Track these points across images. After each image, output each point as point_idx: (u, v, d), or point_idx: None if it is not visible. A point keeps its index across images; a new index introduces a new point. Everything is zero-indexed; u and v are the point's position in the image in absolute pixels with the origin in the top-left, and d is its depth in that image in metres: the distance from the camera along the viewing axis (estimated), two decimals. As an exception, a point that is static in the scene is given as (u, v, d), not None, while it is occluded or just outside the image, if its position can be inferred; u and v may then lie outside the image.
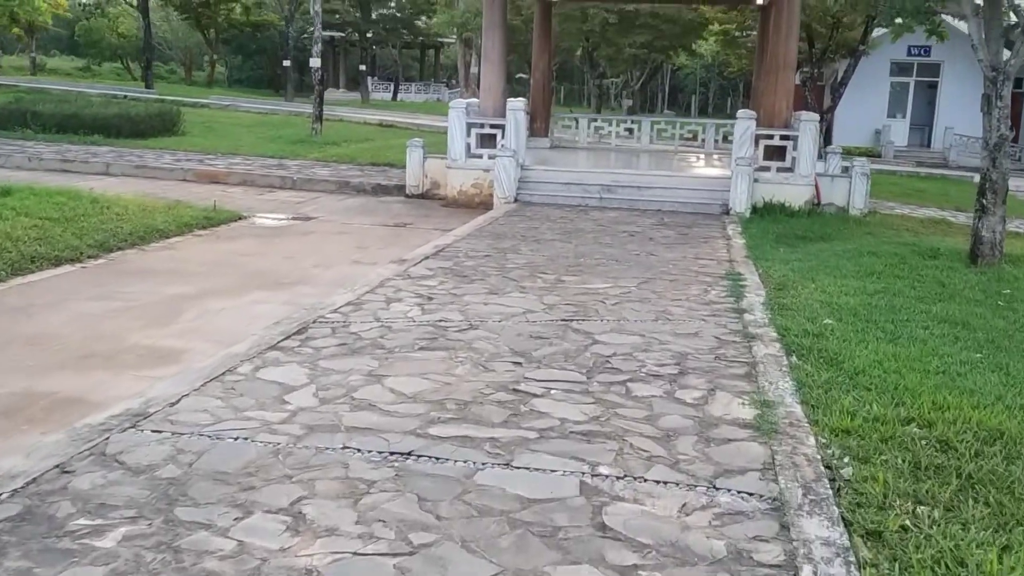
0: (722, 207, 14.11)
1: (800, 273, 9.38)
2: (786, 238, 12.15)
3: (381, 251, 11.23)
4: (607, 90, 55.14)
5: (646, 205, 14.24)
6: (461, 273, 8.75)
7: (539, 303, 7.59)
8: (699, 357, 6.17)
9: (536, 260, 9.60)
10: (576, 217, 13.15)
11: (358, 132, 26.47)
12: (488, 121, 15.44)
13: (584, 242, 10.96)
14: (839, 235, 12.72)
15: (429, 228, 13.17)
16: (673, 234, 11.91)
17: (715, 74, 63.37)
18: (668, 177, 14.96)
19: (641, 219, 13.19)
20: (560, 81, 71.58)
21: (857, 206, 15.00)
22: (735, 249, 10.90)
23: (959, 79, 36.24)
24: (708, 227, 12.72)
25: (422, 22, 48.50)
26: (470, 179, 15.35)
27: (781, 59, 14.62)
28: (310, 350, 6.00)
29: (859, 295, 8.40)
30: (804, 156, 14.38)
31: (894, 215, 15.60)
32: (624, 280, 8.71)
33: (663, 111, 63.34)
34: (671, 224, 12.81)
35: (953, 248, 11.31)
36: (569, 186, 14.78)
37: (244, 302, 8.38)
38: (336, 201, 15.75)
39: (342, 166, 19.30)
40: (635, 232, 11.89)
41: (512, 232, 11.53)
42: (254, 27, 49.27)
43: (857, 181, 14.97)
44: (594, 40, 35.10)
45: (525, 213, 13.41)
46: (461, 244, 10.48)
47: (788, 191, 14.50)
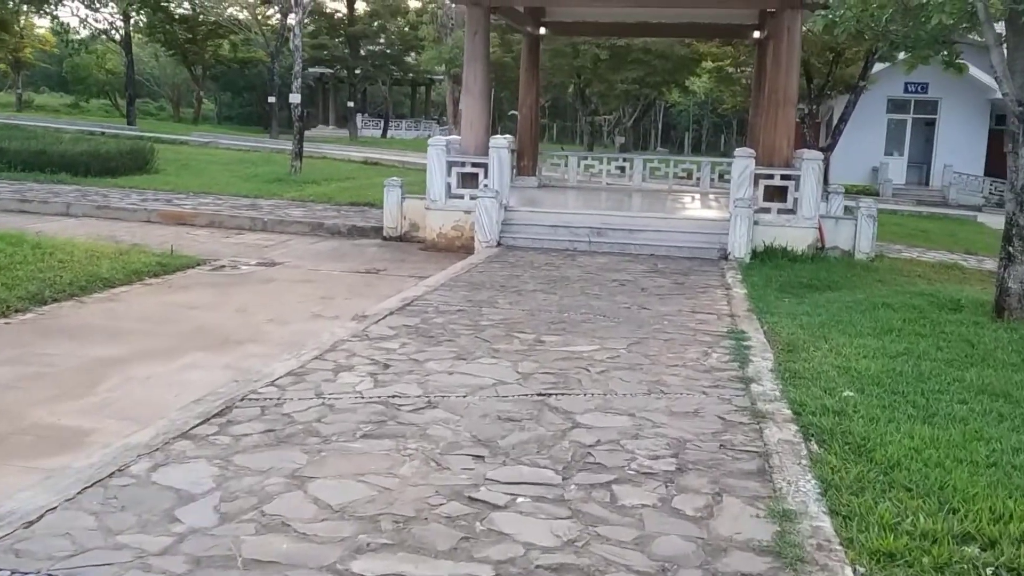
0: (720, 252, 13.12)
1: (810, 330, 8.35)
2: (790, 287, 11.15)
3: (346, 302, 10.19)
4: (600, 127, 54.51)
5: (638, 249, 13.24)
6: (427, 333, 7.71)
7: (513, 371, 6.54)
8: (700, 445, 5.12)
9: (514, 315, 8.56)
10: (562, 263, 12.14)
11: (340, 170, 25.55)
12: (470, 159, 14.49)
13: (569, 293, 9.93)
14: (847, 283, 11.72)
15: (403, 275, 12.15)
16: (668, 283, 10.90)
17: (708, 111, 62.88)
18: (662, 219, 13.99)
19: (633, 265, 12.18)
20: (552, 118, 71.18)
21: (863, 250, 14.03)
22: (736, 300, 9.89)
23: (957, 116, 35.60)
24: (706, 274, 11.72)
25: (411, 58, 47.91)
26: (450, 221, 14.36)
27: (781, 94, 13.72)
28: (227, 439, 4.93)
29: (879, 358, 7.37)
30: (807, 197, 13.43)
31: (902, 259, 14.63)
32: (612, 340, 7.67)
33: (656, 148, 62.75)
34: (665, 271, 11.80)
35: (974, 299, 10.30)
36: (556, 229, 13.79)
37: (177, 367, 7.31)
38: (307, 244, 14.73)
39: (318, 206, 18.32)
40: (626, 281, 10.88)
41: (491, 281, 10.51)
42: (242, 63, 48.63)
43: (863, 223, 14.01)
44: (586, 76, 34.42)
45: (507, 259, 12.40)
46: (433, 296, 9.44)
47: (790, 234, 13.53)
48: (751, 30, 17.97)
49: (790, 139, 13.85)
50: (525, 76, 18.87)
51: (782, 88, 13.73)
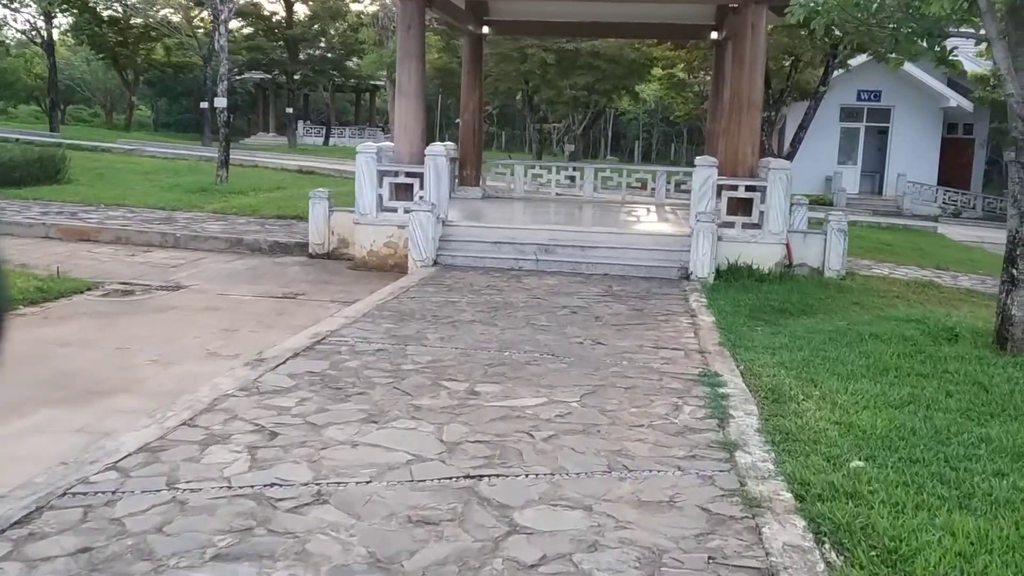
0: (681, 271, 11.85)
1: (795, 370, 7.07)
2: (762, 312, 9.91)
3: (252, 336, 8.70)
4: (549, 135, 53.38)
5: (591, 268, 11.93)
6: (335, 382, 6.26)
7: (436, 440, 5.13)
8: (682, 559, 3.76)
9: (446, 356, 7.15)
10: (506, 285, 10.76)
11: (272, 179, 23.91)
12: (403, 168, 13.06)
13: (513, 324, 8.55)
14: (823, 307, 10.53)
15: (325, 300, 10.68)
16: (625, 309, 9.57)
17: (658, 120, 62.16)
18: (617, 235, 12.69)
19: (585, 287, 10.85)
20: (500, 126, 69.87)
21: (833, 267, 12.88)
22: (704, 331, 8.59)
23: (910, 125, 35.05)
24: (667, 298, 10.43)
25: (353, 63, 46.24)
26: (382, 237, 12.91)
27: (745, 97, 12.53)
28: (15, 570, 3.45)
29: (882, 408, 6.11)
30: (774, 210, 12.24)
31: (874, 277, 13.52)
32: (563, 389, 6.30)
33: (606, 157, 61.81)
34: (622, 295, 10.48)
35: (969, 327, 9.13)
36: (500, 245, 12.42)
37: (15, 431, 5.77)
38: (222, 263, 13.15)
39: (241, 219, 16.71)
40: (578, 307, 9.53)
41: (422, 310, 9.08)
42: (176, 68, 46.55)
43: (833, 238, 12.86)
44: (534, 82, 33.17)
45: (444, 280, 10.99)
46: (351, 330, 7.99)
47: (756, 251, 12.32)
48: (708, 30, 16.81)
49: (755, 146, 12.67)
50: (467, 79, 17.50)
51: (746, 91, 12.54)
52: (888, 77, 34.15)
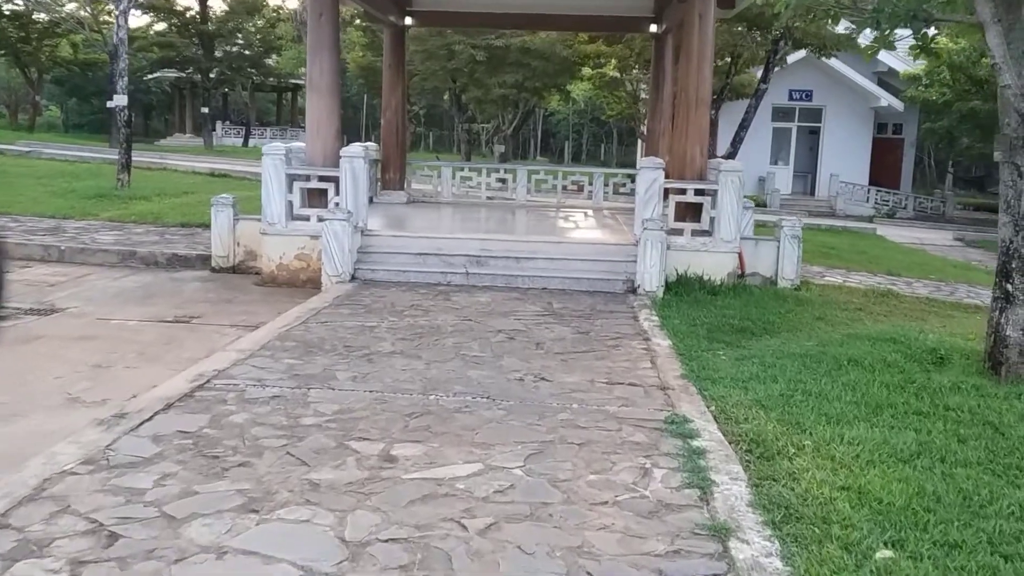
0: (627, 283, 10.72)
1: (776, 412, 5.95)
2: (721, 332, 8.82)
3: (128, 374, 7.28)
4: (478, 136, 52.14)
5: (528, 282, 10.71)
6: (212, 448, 4.92)
7: (335, 540, 3.84)
8: None
9: (357, 404, 5.84)
10: (433, 305, 9.47)
11: (180, 183, 22.14)
12: (316, 172, 11.66)
13: (440, 355, 7.27)
14: (785, 323, 9.49)
15: (224, 324, 9.26)
16: (569, 333, 8.37)
17: (588, 120, 61.45)
18: (555, 244, 11.50)
19: (523, 305, 9.62)
20: (428, 126, 68.45)
21: (788, 277, 11.91)
22: (662, 358, 7.44)
23: (841, 124, 34.75)
24: (614, 316, 9.26)
25: (273, 61, 44.24)
26: (293, 248, 11.50)
27: (693, 93, 11.45)
28: None
29: (891, 464, 5.02)
30: (726, 216, 11.19)
31: (829, 286, 12.58)
32: (502, 449, 5.05)
33: (536, 158, 60.85)
34: (564, 313, 9.28)
35: (951, 346, 8.16)
36: (425, 257, 11.12)
37: None
38: (110, 280, 11.59)
39: (139, 228, 15.08)
40: (515, 331, 8.29)
41: (334, 338, 7.74)
42: (84, 66, 43.96)
43: (787, 246, 11.89)
44: (461, 81, 31.88)
45: (362, 299, 9.65)
46: (244, 368, 6.62)
47: (707, 260, 11.26)
48: (647, 23, 15.76)
49: (703, 146, 11.61)
50: (389, 74, 16.14)
51: (693, 86, 11.46)
52: (819, 76, 33.82)
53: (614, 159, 58.30)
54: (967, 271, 16.90)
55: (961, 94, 28.83)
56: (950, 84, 29.08)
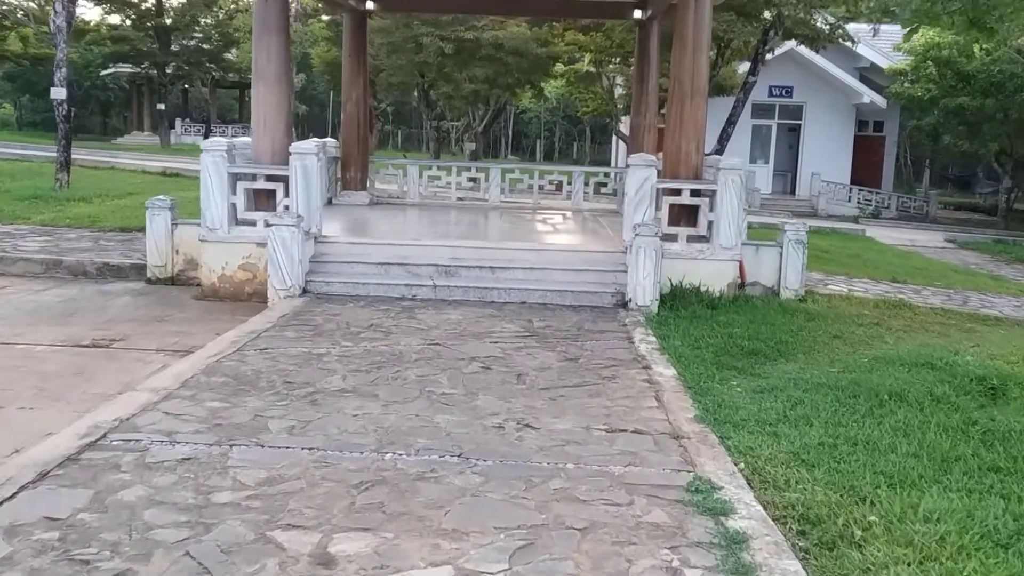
0: (616, 296, 9.47)
1: (822, 471, 4.73)
2: (730, 355, 7.59)
3: (20, 418, 5.94)
4: (447, 133, 50.80)
5: (504, 295, 9.44)
6: (82, 545, 3.59)
7: None
8: None
9: (291, 470, 4.53)
10: (395, 324, 8.16)
11: (126, 183, 20.62)
12: (263, 170, 10.30)
13: (401, 393, 5.98)
14: (800, 343, 8.29)
15: (150, 349, 7.90)
16: (555, 359, 7.10)
17: (560, 117, 60.30)
18: (535, 251, 10.23)
19: (499, 324, 8.34)
20: (397, 124, 66.91)
21: (791, 286, 10.73)
22: (668, 393, 6.20)
23: (822, 122, 33.78)
24: (605, 337, 8.01)
25: (233, 55, 42.52)
26: (237, 258, 10.14)
27: (688, 84, 10.22)
28: None
29: (991, 552, 3.86)
30: (726, 219, 9.99)
31: (835, 296, 11.41)
32: (479, 540, 3.77)
33: (507, 156, 59.57)
34: (547, 333, 8.01)
35: (998, 371, 7.00)
36: (388, 267, 9.81)
37: None
38: (30, 294, 10.16)
39: (72, 234, 13.60)
40: (491, 359, 7.01)
41: (273, 371, 6.42)
42: (35, 61, 41.93)
43: (790, 252, 10.71)
44: (430, 76, 30.48)
45: (313, 318, 8.32)
46: (154, 415, 5.28)
47: (704, 269, 10.05)
48: (631, 8, 14.51)
49: (700, 142, 10.38)
50: (350, 64, 14.78)
51: (688, 76, 10.24)
52: (800, 72, 32.83)
53: (587, 157, 57.18)
54: (971, 277, 15.84)
55: (948, 90, 27.90)
56: (936, 80, 28.15)
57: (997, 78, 26.85)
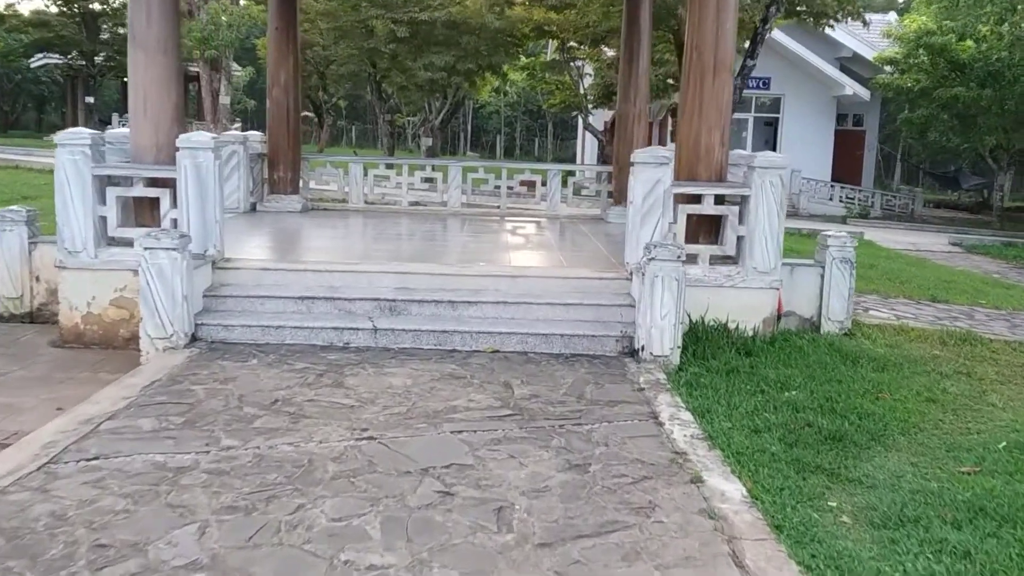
0: (621, 341, 6.98)
1: None
2: (807, 446, 5.15)
3: None
4: (403, 129, 48.04)
5: (470, 341, 6.91)
6: None
7: None
8: None
9: None
10: (312, 400, 5.59)
11: (25, 185, 17.74)
12: (142, 172, 7.64)
13: (295, 566, 3.42)
14: (888, 415, 5.86)
15: (-58, 441, 5.23)
16: (553, 468, 4.58)
17: (521, 112, 57.85)
18: (508, 278, 7.69)
19: (464, 392, 5.81)
20: (351, 120, 63.95)
21: (835, 317, 8.36)
22: (748, 546, 3.73)
23: (801, 115, 31.62)
24: (618, 415, 5.50)
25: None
26: (109, 290, 7.49)
27: (709, 55, 7.75)
28: None
29: None
30: (763, 235, 7.56)
31: (885, 327, 9.00)
32: None
33: (466, 153, 56.94)
34: (534, 410, 5.48)
35: None
36: (312, 303, 7.23)
37: None
38: None
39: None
40: (454, 471, 4.48)
41: (83, 516, 3.83)
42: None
43: (835, 274, 8.34)
44: (382, 66, 27.76)
45: (191, 390, 5.71)
46: None
47: (733, 300, 7.62)
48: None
49: (725, 132, 7.92)
50: (277, 40, 12.12)
51: (710, 46, 7.76)
52: (778, 62, 30.62)
53: (549, 154, 54.76)
54: (1007, 291, 13.61)
55: (940, 80, 25.83)
56: (928, 69, 26.07)
57: (995, 67, 24.82)
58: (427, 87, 26.43)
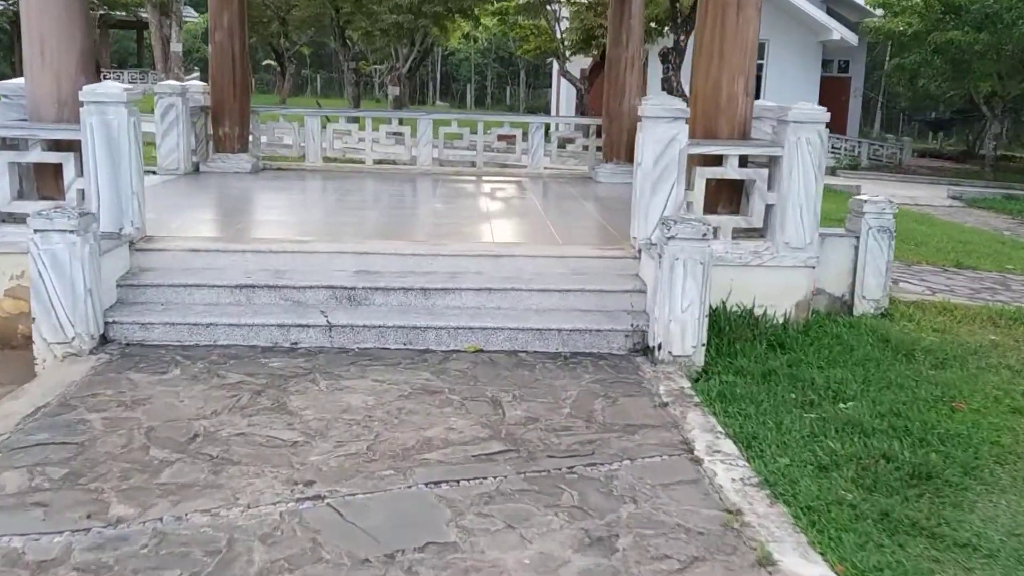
0: (631, 336, 5.73)
1: None
2: (891, 491, 3.98)
3: None
4: (369, 78, 46.15)
5: (447, 339, 5.64)
6: None
7: None
8: None
9: None
10: (243, 432, 4.31)
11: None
12: (39, 132, 6.22)
13: None
14: (973, 437, 4.68)
15: None
16: (568, 548, 3.34)
17: (492, 60, 55.98)
18: (492, 258, 6.39)
19: (440, 415, 4.55)
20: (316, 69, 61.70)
21: (871, 295, 7.17)
22: None
23: (787, 61, 30.20)
24: (642, 448, 4.28)
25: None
26: (3, 278, 6.12)
27: (730, -16, 6.42)
28: None
29: None
30: (797, 203, 6.33)
31: (927, 306, 7.82)
32: None
33: (435, 103, 55.09)
34: (531, 442, 4.24)
35: None
36: (252, 292, 5.91)
37: None
38: None
39: None
40: (429, 553, 3.22)
41: None
42: None
43: (872, 245, 7.12)
44: (345, 10, 26.02)
45: (86, 419, 4.40)
46: None
47: (760, 281, 6.40)
48: None
49: (750, 78, 6.63)
50: (219, -24, 10.59)
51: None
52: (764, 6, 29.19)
53: (521, 103, 53.05)
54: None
55: (934, 23, 24.55)
56: (922, 12, 24.76)
57: (992, 8, 23.55)
58: (393, 32, 24.78)
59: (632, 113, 10.92)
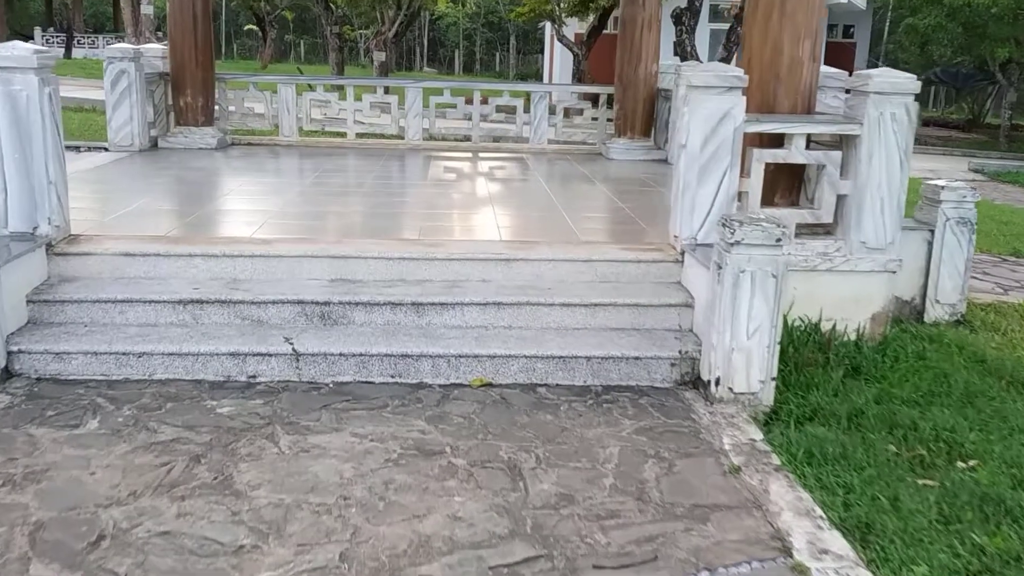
0: (677, 364, 4.55)
1: None
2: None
3: None
4: (354, 43, 44.51)
5: (446, 370, 4.45)
6: None
7: None
8: None
9: None
10: (185, 510, 3.13)
11: None
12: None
13: None
14: None
15: None
16: None
17: (481, 24, 54.27)
18: (502, 263, 5.18)
19: (440, 492, 3.38)
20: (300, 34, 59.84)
21: (946, 299, 6.03)
22: None
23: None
24: (712, 533, 3.12)
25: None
26: None
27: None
28: None
29: None
30: (877, 192, 5.12)
31: (1007, 310, 6.68)
32: None
33: (423, 69, 53.45)
34: (561, 517, 3.06)
35: None
36: (201, 308, 4.68)
37: None
38: None
39: None
40: None
41: None
42: None
43: (949, 240, 5.95)
44: (327, -30, 24.50)
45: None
46: None
47: (831, 289, 5.23)
48: None
49: (817, 43, 5.41)
50: (177, -77, 9.23)
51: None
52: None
53: (512, 69, 51.46)
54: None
55: (951, -16, 23.26)
56: (937, -28, 23.48)
57: (1012, -31, 22.28)
58: (379, -5, 23.26)
59: (649, 80, 9.69)
